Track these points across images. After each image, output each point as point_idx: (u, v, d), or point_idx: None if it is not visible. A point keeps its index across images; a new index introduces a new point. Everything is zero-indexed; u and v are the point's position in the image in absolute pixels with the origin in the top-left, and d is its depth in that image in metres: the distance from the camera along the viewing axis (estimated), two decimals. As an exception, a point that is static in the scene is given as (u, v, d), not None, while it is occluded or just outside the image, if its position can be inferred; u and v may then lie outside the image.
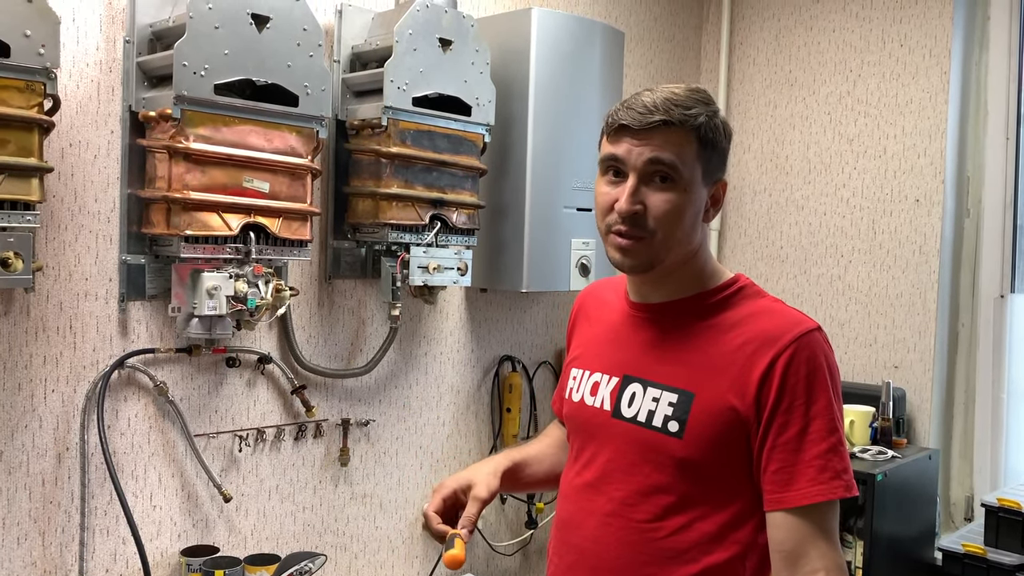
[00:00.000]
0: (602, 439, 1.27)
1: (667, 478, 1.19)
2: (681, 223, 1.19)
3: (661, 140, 1.17)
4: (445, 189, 2.17)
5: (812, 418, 1.14)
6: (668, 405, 1.20)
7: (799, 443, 1.14)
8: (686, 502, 1.19)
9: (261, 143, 1.85)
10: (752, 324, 1.20)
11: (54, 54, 1.57)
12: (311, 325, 2.19)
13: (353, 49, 2.18)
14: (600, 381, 1.30)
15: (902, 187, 2.86)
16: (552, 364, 2.82)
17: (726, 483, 1.19)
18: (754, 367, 1.16)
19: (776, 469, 1.15)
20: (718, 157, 1.22)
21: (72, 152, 1.78)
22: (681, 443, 1.18)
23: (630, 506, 1.22)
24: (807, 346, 1.16)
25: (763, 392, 1.15)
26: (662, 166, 1.17)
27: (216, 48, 1.76)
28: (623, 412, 1.25)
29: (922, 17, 2.82)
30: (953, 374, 2.86)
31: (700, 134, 1.18)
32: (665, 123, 1.17)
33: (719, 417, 1.17)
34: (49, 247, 1.76)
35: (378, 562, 2.39)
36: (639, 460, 1.22)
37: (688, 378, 1.20)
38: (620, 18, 2.98)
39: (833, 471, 1.14)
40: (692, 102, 1.19)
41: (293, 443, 2.17)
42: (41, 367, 1.77)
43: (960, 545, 2.47)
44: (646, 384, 1.24)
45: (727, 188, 1.27)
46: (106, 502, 1.86)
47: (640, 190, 1.18)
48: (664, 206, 1.18)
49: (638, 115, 1.18)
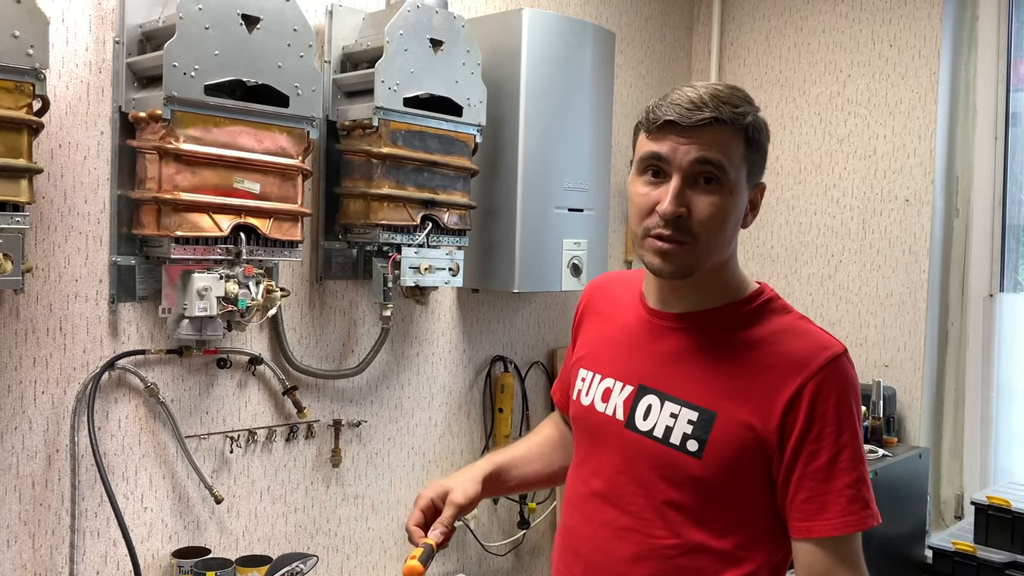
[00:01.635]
0: (612, 449, 1.23)
1: (683, 496, 1.16)
2: (724, 228, 1.13)
3: (709, 139, 1.10)
4: (436, 190, 2.17)
5: (842, 447, 1.11)
6: (687, 423, 1.15)
7: (829, 472, 1.10)
8: (701, 521, 1.15)
9: (252, 144, 1.85)
10: (779, 344, 1.15)
11: (43, 55, 1.57)
12: (302, 326, 2.19)
13: (344, 50, 2.18)
14: (612, 387, 1.25)
15: (892, 187, 2.87)
16: (544, 364, 2.82)
17: (742, 505, 1.15)
18: (780, 392, 1.11)
19: (806, 498, 1.11)
20: (761, 159, 1.17)
21: (62, 153, 1.78)
22: (700, 463, 1.14)
23: (644, 521, 1.18)
24: (836, 373, 1.12)
25: (789, 418, 1.11)
26: (709, 166, 1.10)
27: (206, 49, 1.75)
28: (638, 424, 1.20)
29: (911, 18, 2.83)
30: (943, 373, 2.88)
31: (748, 134, 1.13)
32: (716, 120, 1.10)
33: (740, 440, 1.13)
34: (39, 248, 1.75)
35: (370, 563, 2.39)
36: (654, 476, 1.18)
37: (709, 396, 1.15)
38: (611, 19, 2.98)
39: (863, 501, 1.12)
40: (739, 100, 1.13)
41: (284, 444, 2.17)
42: (31, 369, 1.76)
43: (950, 543, 2.48)
44: (663, 397, 1.18)
45: (765, 192, 1.21)
46: (96, 504, 1.85)
47: (684, 192, 1.11)
48: (709, 209, 1.11)
49: (686, 111, 1.10)
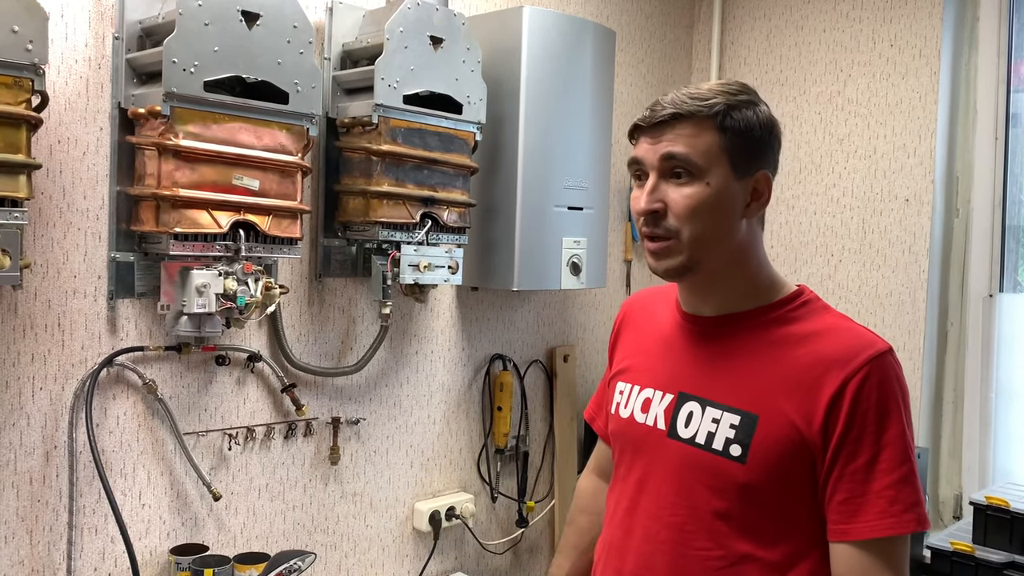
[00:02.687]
0: (654, 459, 1.21)
1: (728, 504, 1.13)
2: (705, 218, 1.12)
3: (673, 134, 1.12)
4: (436, 187, 2.17)
5: (883, 446, 1.08)
6: (729, 427, 1.13)
7: (868, 472, 1.07)
8: (747, 530, 1.12)
9: (251, 140, 1.85)
10: (820, 342, 1.13)
11: (42, 50, 1.56)
12: (301, 323, 2.19)
13: (344, 47, 2.18)
14: (652, 397, 1.23)
15: (892, 187, 2.87)
16: (543, 363, 2.82)
17: (789, 511, 1.12)
18: (823, 390, 1.09)
19: (843, 499, 1.08)
20: (751, 147, 1.15)
21: (61, 149, 1.77)
22: (744, 468, 1.11)
23: (688, 532, 1.15)
24: (879, 370, 1.10)
25: (831, 417, 1.08)
26: (675, 161, 1.12)
27: (206, 45, 1.75)
28: (679, 432, 1.18)
29: (912, 17, 2.83)
30: (942, 373, 2.88)
31: (719, 123, 1.12)
32: (674, 116, 1.12)
33: (784, 442, 1.10)
34: (37, 244, 1.75)
35: (368, 561, 2.38)
36: (697, 484, 1.15)
37: (750, 398, 1.13)
38: (612, 17, 2.98)
39: (904, 503, 1.07)
40: (712, 93, 1.13)
41: (283, 441, 2.17)
42: (29, 365, 1.76)
43: (948, 543, 2.48)
44: (704, 403, 1.16)
45: (770, 180, 1.18)
46: (94, 500, 1.85)
47: (659, 188, 1.13)
48: (684, 202, 1.12)
49: (648, 113, 1.14)
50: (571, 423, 2.88)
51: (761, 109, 1.17)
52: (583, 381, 2.95)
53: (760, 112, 1.16)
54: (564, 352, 2.85)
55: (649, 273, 3.17)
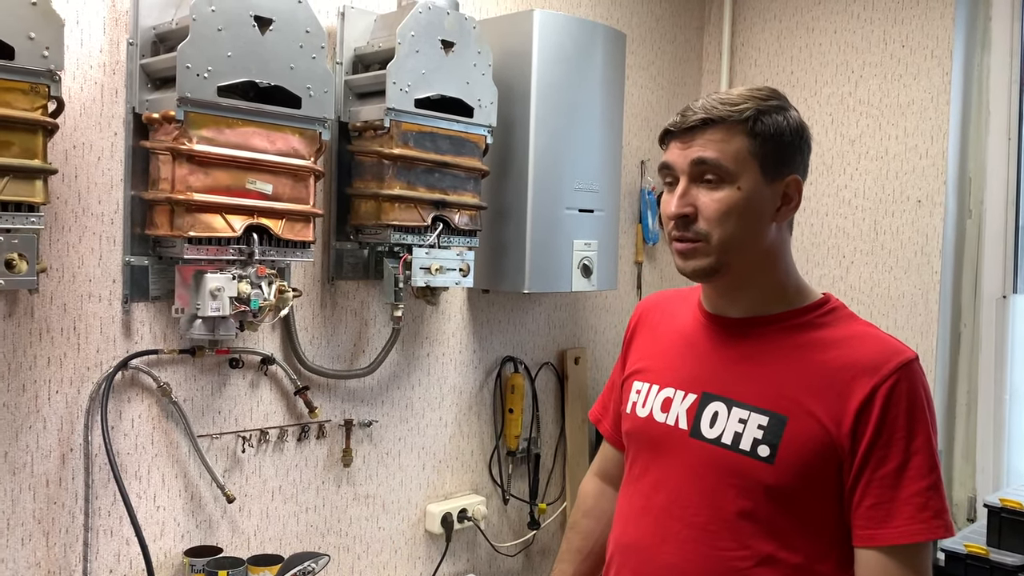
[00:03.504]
0: (674, 459, 1.21)
1: (754, 505, 1.13)
2: (735, 222, 1.13)
3: (703, 139, 1.13)
4: (447, 190, 2.18)
5: (913, 453, 1.08)
6: (757, 428, 1.13)
7: (898, 479, 1.08)
8: (773, 531, 1.13)
9: (264, 145, 1.86)
10: (849, 348, 1.14)
11: (58, 56, 1.58)
12: (314, 326, 2.20)
13: (355, 51, 2.19)
14: (672, 397, 1.23)
15: (904, 188, 2.86)
16: (554, 365, 2.82)
17: (814, 513, 1.13)
18: (852, 395, 1.10)
19: (872, 504, 1.09)
20: (781, 151, 1.16)
21: (76, 154, 1.79)
22: (772, 469, 1.12)
23: (711, 532, 1.15)
24: (908, 377, 1.10)
25: (861, 422, 1.09)
26: (706, 165, 1.13)
27: (219, 50, 1.76)
28: (703, 432, 1.18)
29: (923, 18, 2.82)
30: (955, 375, 2.87)
31: (750, 128, 1.13)
32: (705, 122, 1.13)
33: (812, 443, 1.11)
34: (53, 249, 1.77)
35: (381, 563, 2.39)
36: (722, 484, 1.15)
37: (778, 400, 1.13)
38: (622, 20, 2.98)
39: (933, 510, 1.08)
40: (742, 99, 1.14)
41: (296, 444, 2.18)
42: (45, 368, 1.78)
43: (962, 546, 2.47)
44: (731, 404, 1.17)
45: (801, 184, 1.19)
46: (110, 503, 1.86)
47: (690, 192, 1.15)
48: (713, 205, 1.13)
49: (680, 119, 1.16)
50: (582, 425, 2.88)
51: (791, 114, 1.18)
52: (594, 383, 2.96)
53: (790, 117, 1.18)
54: (575, 354, 2.86)
55: (659, 275, 3.18)
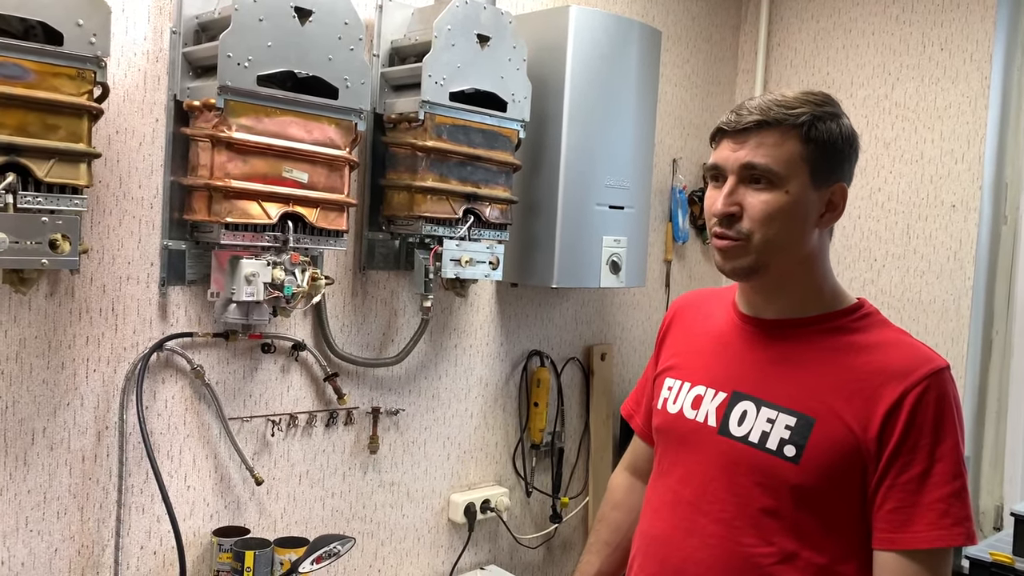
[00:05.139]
0: (702, 455, 1.22)
1: (778, 503, 1.14)
2: (780, 225, 1.14)
3: (756, 142, 1.14)
4: (479, 184, 2.20)
5: (938, 459, 1.09)
6: (784, 428, 1.14)
7: (921, 484, 1.09)
8: (796, 530, 1.14)
9: (301, 134, 1.89)
10: (881, 354, 1.14)
11: (105, 43, 1.62)
12: (344, 314, 2.23)
13: (392, 44, 2.21)
14: (703, 395, 1.24)
15: (938, 192, 2.83)
16: (580, 360, 2.84)
17: (838, 515, 1.14)
18: (881, 400, 1.11)
19: (893, 508, 1.09)
20: (832, 159, 1.16)
21: (118, 139, 1.83)
22: (797, 469, 1.13)
23: (736, 528, 1.17)
24: (938, 385, 1.11)
25: (888, 427, 1.10)
26: (756, 170, 1.14)
27: (260, 40, 1.79)
28: (731, 430, 1.19)
29: (963, 21, 2.79)
30: (986, 382, 2.84)
31: (804, 133, 1.13)
32: (760, 124, 1.13)
33: (839, 445, 1.11)
34: (94, 231, 1.81)
35: (404, 550, 2.42)
36: (748, 482, 1.17)
37: (807, 401, 1.14)
38: (658, 17, 2.98)
39: (955, 517, 1.09)
40: (798, 102, 1.14)
41: (324, 429, 2.21)
42: (84, 347, 1.82)
43: (988, 554, 2.45)
44: (759, 403, 1.18)
45: (846, 192, 1.19)
46: (142, 480, 1.91)
47: (737, 191, 1.15)
48: (760, 207, 1.14)
49: (733, 118, 1.16)
50: (607, 421, 2.89)
51: (844, 122, 1.18)
52: (620, 380, 2.96)
53: (843, 124, 1.18)
54: (601, 350, 2.87)
55: (688, 274, 3.18)
